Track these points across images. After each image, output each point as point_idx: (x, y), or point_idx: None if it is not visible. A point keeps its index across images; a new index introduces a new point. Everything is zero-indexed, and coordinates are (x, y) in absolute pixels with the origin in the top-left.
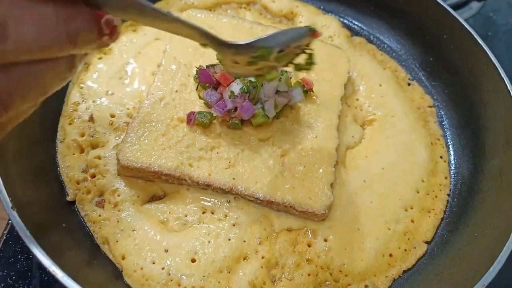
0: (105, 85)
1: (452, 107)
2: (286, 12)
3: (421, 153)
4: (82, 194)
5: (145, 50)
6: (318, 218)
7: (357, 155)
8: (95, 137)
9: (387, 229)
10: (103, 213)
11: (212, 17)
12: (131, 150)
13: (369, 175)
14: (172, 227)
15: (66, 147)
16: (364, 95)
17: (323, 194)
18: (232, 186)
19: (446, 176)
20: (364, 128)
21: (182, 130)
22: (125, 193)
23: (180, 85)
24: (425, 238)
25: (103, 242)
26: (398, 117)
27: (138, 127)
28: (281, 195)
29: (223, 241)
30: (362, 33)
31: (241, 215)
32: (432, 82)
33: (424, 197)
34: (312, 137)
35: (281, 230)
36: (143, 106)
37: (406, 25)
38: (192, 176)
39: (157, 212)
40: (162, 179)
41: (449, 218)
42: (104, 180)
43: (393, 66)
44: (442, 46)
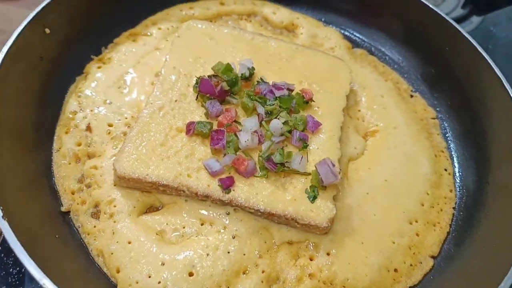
0: (103, 94)
1: (455, 119)
2: (286, 23)
3: (424, 165)
4: (77, 204)
5: (145, 59)
6: (320, 231)
7: (359, 167)
8: (92, 146)
9: (391, 242)
10: (98, 224)
11: (213, 27)
12: (128, 160)
13: (372, 187)
14: (169, 239)
15: (62, 157)
16: (366, 106)
17: (326, 207)
18: (231, 198)
19: (451, 189)
20: (366, 139)
21: (181, 140)
22: (121, 204)
23: (180, 95)
24: (431, 253)
25: (98, 254)
26: (400, 128)
27: (136, 137)
28: (282, 207)
29: (222, 254)
30: (363, 45)
31: (241, 227)
32: (435, 94)
33: (429, 210)
34: (314, 149)
35: (282, 243)
36: (141, 116)
37: (408, 37)
38: (191, 186)
39: (154, 223)
40: (159, 190)
41: (455, 232)
42: (100, 191)
43: (395, 78)
44: (444, 58)
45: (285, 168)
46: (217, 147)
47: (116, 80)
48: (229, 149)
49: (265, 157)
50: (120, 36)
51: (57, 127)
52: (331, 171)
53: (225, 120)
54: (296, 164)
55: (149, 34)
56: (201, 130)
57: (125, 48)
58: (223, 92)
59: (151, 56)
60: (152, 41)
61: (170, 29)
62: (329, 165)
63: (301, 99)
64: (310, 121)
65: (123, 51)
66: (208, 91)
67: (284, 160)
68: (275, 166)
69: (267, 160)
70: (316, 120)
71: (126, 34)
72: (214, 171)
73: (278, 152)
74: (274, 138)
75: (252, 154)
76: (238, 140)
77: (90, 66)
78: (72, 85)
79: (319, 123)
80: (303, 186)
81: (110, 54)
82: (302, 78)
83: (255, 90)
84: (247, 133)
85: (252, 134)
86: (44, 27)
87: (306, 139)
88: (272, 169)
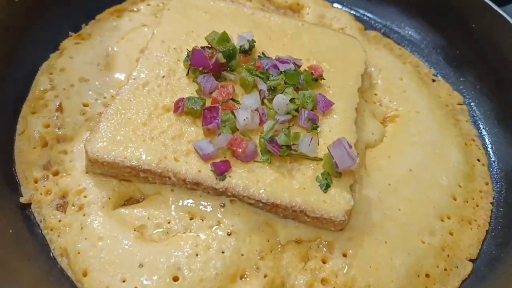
0: (79, 71)
1: (486, 104)
2: (291, 3)
3: (453, 154)
4: (40, 194)
5: (130, 36)
6: (335, 226)
7: (378, 155)
8: (63, 128)
9: (420, 242)
10: (64, 218)
11: (208, 1)
12: (102, 141)
13: (395, 177)
14: (151, 236)
15: (26, 140)
16: (383, 89)
17: (341, 197)
18: (227, 185)
19: (487, 182)
20: (385, 125)
21: (168, 119)
22: (94, 194)
23: (168, 70)
24: (469, 255)
25: (61, 253)
26: (423, 113)
27: (113, 115)
28: (288, 196)
29: (215, 254)
30: (377, 27)
31: (238, 222)
32: (461, 77)
33: (463, 205)
34: (326, 131)
35: (288, 242)
36: (121, 92)
37: (428, 15)
38: (178, 172)
39: (132, 217)
40: (140, 177)
41: (495, 231)
42: (69, 179)
43: (414, 61)
44: (470, 37)
45: (292, 152)
46: (211, 126)
47: (96, 56)
48: (224, 128)
49: (268, 138)
50: (103, 13)
51: (23, 107)
52: (348, 154)
53: (221, 97)
54: (305, 147)
55: (135, 10)
56: (192, 107)
57: (108, 24)
58: (219, 65)
59: (137, 33)
60: (139, 17)
61: (160, 5)
62: (345, 147)
63: (310, 76)
64: (320, 100)
65: (105, 27)
66: (201, 64)
67: (290, 142)
68: (279, 148)
69: (270, 141)
70: (328, 99)
71: (111, 10)
72: (206, 153)
73: (283, 132)
74: (278, 117)
75: (252, 137)
76: (236, 118)
77: (67, 42)
78: (45, 62)
79: (331, 103)
80: (313, 173)
81: (91, 30)
82: (310, 56)
83: (256, 65)
84: (246, 111)
85: (252, 112)
86: None
87: (316, 119)
88: (276, 152)
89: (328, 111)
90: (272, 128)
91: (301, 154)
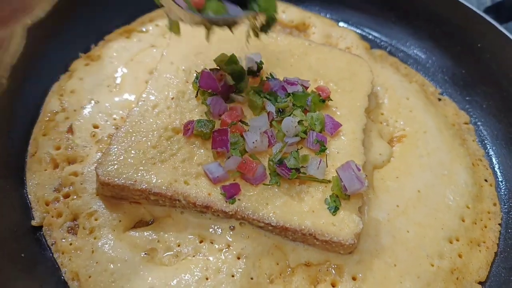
0: (89, 92)
1: (493, 124)
2: (297, 23)
3: (462, 175)
4: (51, 217)
5: (139, 57)
6: (344, 250)
7: (386, 176)
8: (73, 150)
9: (429, 265)
10: (75, 241)
11: None
12: (113, 164)
13: (403, 199)
14: (161, 260)
15: (37, 162)
16: (390, 109)
17: (350, 220)
18: (237, 209)
19: (494, 202)
20: (392, 145)
21: (178, 141)
22: (104, 217)
23: (177, 92)
24: (478, 278)
25: (73, 277)
26: (431, 133)
27: (124, 138)
28: (298, 220)
29: (225, 278)
30: (383, 45)
31: (248, 245)
32: (466, 96)
33: (472, 226)
34: (334, 152)
35: (298, 265)
36: (131, 114)
37: (433, 35)
38: (188, 195)
39: (142, 240)
40: (150, 200)
41: (504, 253)
42: (80, 201)
43: (420, 80)
44: (476, 56)
45: (301, 175)
46: (220, 149)
47: (106, 78)
48: (233, 151)
49: (277, 161)
50: (112, 33)
51: (34, 129)
52: (356, 177)
53: (230, 119)
54: (314, 170)
55: (144, 31)
56: (201, 129)
57: (117, 45)
58: (227, 87)
59: (146, 53)
60: (147, 38)
61: (168, 26)
62: (353, 169)
63: (317, 97)
64: (328, 122)
65: (114, 48)
66: (210, 86)
67: (299, 164)
68: (289, 171)
69: (279, 164)
70: (336, 121)
71: (120, 30)
72: (216, 176)
73: (292, 155)
74: (286, 139)
75: (261, 159)
76: (245, 141)
77: (77, 64)
78: (55, 83)
79: (339, 124)
80: (322, 195)
81: (100, 51)
82: (317, 76)
83: (264, 86)
84: (255, 133)
85: (261, 135)
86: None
87: (324, 141)
88: (285, 175)
89: (336, 132)
90: (281, 150)
91: (310, 176)
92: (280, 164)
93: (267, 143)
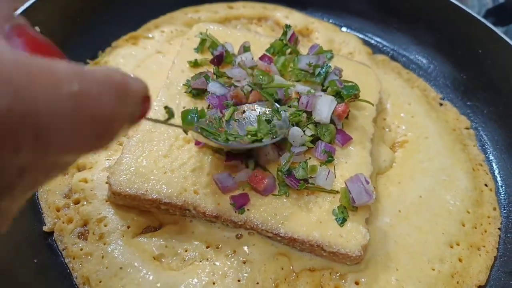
0: None
1: (494, 129)
2: (300, 28)
3: (463, 181)
4: (62, 223)
5: (146, 63)
6: (351, 261)
7: (388, 181)
8: (82, 157)
9: (430, 269)
10: (86, 247)
11: (226, 30)
12: (125, 174)
13: (405, 204)
14: (169, 265)
15: None
16: (392, 115)
17: (357, 232)
18: (246, 219)
19: (494, 207)
20: (394, 150)
21: (189, 151)
22: (114, 223)
23: (189, 101)
24: (478, 282)
25: (84, 282)
26: (432, 139)
27: (135, 147)
28: (306, 231)
29: (232, 283)
30: (385, 50)
31: (254, 251)
32: (467, 102)
33: (472, 231)
34: (342, 162)
35: (302, 270)
36: (142, 123)
37: (435, 40)
38: (198, 205)
39: (151, 246)
40: (161, 209)
41: (504, 257)
42: (90, 207)
43: (422, 85)
44: (477, 62)
45: (309, 185)
46: (233, 163)
47: None
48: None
49: (285, 171)
50: (119, 40)
51: None
52: (365, 189)
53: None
54: (322, 180)
55: (150, 37)
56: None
57: (124, 52)
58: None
59: (152, 60)
60: (154, 45)
61: (174, 32)
62: (362, 183)
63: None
64: (339, 134)
65: (121, 55)
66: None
67: (307, 175)
68: (297, 182)
69: (288, 175)
70: (347, 134)
71: (126, 37)
72: (225, 186)
73: (301, 166)
74: (293, 149)
75: (270, 169)
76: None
77: None
78: None
79: (349, 137)
80: (329, 206)
81: (107, 58)
82: None
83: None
84: (267, 147)
85: (272, 147)
86: (34, 25)
87: (332, 152)
88: (293, 186)
89: (346, 144)
90: (289, 161)
91: (318, 187)
92: (289, 175)
93: (278, 154)
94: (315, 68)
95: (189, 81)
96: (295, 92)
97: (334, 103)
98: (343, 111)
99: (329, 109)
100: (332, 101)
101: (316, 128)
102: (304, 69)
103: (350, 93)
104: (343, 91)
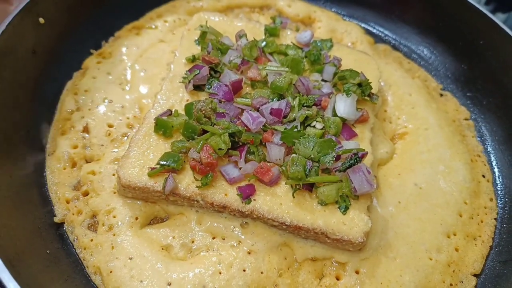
0: (102, 91)
1: (492, 120)
2: (303, 17)
3: (460, 171)
4: (72, 214)
5: (148, 53)
6: (354, 247)
7: (388, 172)
8: (90, 149)
9: (428, 259)
10: (96, 238)
11: (226, 20)
12: (134, 167)
13: (405, 195)
14: (177, 255)
15: (56, 161)
16: (393, 106)
17: (359, 219)
18: (252, 209)
19: (491, 198)
20: (394, 142)
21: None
22: (122, 214)
23: (192, 93)
24: (473, 271)
25: (95, 272)
26: (432, 130)
27: (142, 140)
28: (311, 219)
29: (237, 272)
30: (387, 40)
31: (258, 241)
32: (468, 92)
33: (468, 221)
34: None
35: (304, 260)
36: (148, 116)
37: (437, 31)
38: (206, 196)
39: (159, 236)
40: (169, 200)
41: (499, 247)
42: (98, 199)
43: (423, 75)
44: (478, 53)
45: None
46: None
47: (118, 76)
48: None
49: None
50: (122, 29)
51: (51, 128)
52: (366, 180)
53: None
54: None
55: (153, 27)
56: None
57: (128, 42)
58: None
59: (155, 50)
60: (157, 34)
61: (176, 21)
62: (364, 172)
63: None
64: (345, 129)
65: (125, 45)
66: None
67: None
68: (311, 187)
69: (306, 185)
70: (352, 130)
71: (129, 27)
72: (232, 177)
73: (315, 172)
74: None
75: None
76: (267, 152)
77: (89, 61)
78: (69, 81)
79: (354, 133)
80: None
81: (111, 48)
82: None
83: None
84: (279, 151)
85: (280, 146)
86: (38, 16)
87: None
88: (309, 190)
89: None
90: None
91: (322, 177)
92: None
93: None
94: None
95: (185, 77)
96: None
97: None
98: (363, 118)
99: (345, 105)
100: (346, 100)
101: (324, 120)
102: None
103: (353, 75)
104: (346, 74)
